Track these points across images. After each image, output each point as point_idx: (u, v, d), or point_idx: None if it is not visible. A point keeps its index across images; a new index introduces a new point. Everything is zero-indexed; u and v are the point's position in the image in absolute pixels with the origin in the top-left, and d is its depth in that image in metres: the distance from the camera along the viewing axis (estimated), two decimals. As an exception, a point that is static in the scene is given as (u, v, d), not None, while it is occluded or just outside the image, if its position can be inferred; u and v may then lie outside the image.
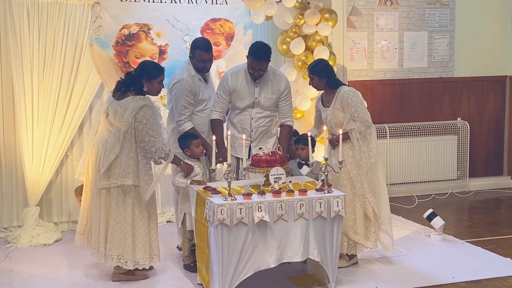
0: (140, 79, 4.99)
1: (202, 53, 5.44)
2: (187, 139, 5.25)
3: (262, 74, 5.44)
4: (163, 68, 5.15)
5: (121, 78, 5.19)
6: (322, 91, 5.49)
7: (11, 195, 6.49)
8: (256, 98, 5.51)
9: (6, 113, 6.36)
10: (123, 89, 5.02)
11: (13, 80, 6.20)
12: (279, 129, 5.71)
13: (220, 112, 5.53)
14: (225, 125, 5.60)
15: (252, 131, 5.57)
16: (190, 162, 5.19)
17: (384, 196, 5.44)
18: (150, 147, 4.88)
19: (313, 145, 5.37)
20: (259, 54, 5.35)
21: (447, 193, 8.13)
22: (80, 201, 6.27)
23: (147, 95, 5.04)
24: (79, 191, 6.41)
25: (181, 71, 5.52)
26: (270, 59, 5.43)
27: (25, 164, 6.30)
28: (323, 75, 5.36)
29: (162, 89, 5.14)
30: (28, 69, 6.17)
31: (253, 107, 5.55)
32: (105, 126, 5.07)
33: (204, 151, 5.30)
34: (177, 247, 5.84)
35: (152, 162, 4.98)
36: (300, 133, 5.88)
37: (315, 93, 5.62)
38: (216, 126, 5.48)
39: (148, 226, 5.07)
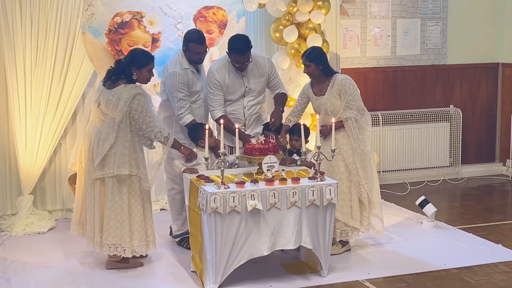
0: (129, 67, 5.01)
1: (196, 45, 5.46)
2: (198, 131, 5.25)
3: (246, 65, 5.47)
4: (153, 56, 5.18)
5: (111, 66, 5.19)
6: (311, 79, 5.51)
7: (4, 184, 6.49)
8: (247, 87, 5.54)
9: (-1, 102, 6.36)
10: (113, 77, 5.03)
11: (6, 69, 6.19)
12: (268, 116, 5.74)
13: (220, 107, 5.55)
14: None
15: (246, 119, 5.62)
16: (201, 153, 5.19)
17: (376, 181, 5.53)
18: (149, 133, 4.94)
19: (307, 135, 5.39)
20: (242, 48, 5.40)
21: (440, 180, 8.17)
22: (74, 189, 6.30)
23: (137, 83, 5.05)
24: (72, 179, 6.42)
25: (173, 64, 5.52)
26: (251, 47, 5.46)
27: (18, 153, 6.30)
28: (319, 62, 5.40)
29: (152, 77, 5.16)
30: (20, 57, 6.15)
31: (244, 96, 5.58)
32: (97, 116, 5.08)
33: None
34: (170, 233, 5.87)
35: (149, 148, 5.04)
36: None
37: (308, 80, 5.64)
38: (226, 120, 5.43)
39: (143, 213, 5.10)
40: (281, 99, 5.75)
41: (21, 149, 6.29)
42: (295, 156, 5.37)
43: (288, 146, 5.50)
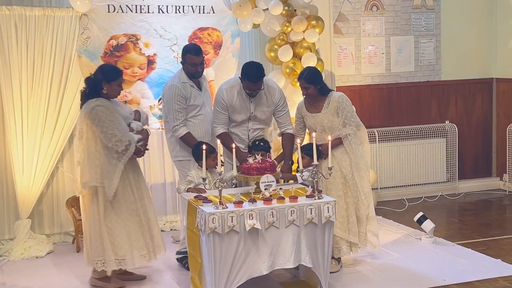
0: (100, 82, 5.07)
1: (192, 56, 5.53)
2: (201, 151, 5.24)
3: (258, 92, 5.51)
4: (122, 70, 5.32)
5: (83, 87, 5.24)
6: (305, 98, 5.56)
7: (2, 208, 6.48)
8: (252, 113, 5.57)
9: (-5, 126, 6.37)
10: (86, 97, 5.12)
11: (2, 93, 6.21)
12: (275, 136, 5.76)
13: (222, 125, 5.59)
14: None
15: (250, 141, 5.67)
16: (198, 172, 5.20)
17: (370, 196, 5.57)
18: (108, 143, 4.97)
19: (319, 155, 5.39)
20: (255, 76, 5.41)
21: (437, 195, 8.18)
22: (72, 212, 6.31)
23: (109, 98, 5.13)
24: (70, 202, 6.44)
25: (173, 78, 5.64)
26: (264, 76, 5.50)
27: (15, 177, 6.29)
28: (318, 83, 5.46)
29: (122, 91, 5.27)
30: (16, 81, 6.18)
31: (250, 120, 5.62)
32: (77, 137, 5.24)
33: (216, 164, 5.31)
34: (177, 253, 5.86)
35: (121, 158, 5.03)
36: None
37: (301, 98, 5.70)
38: (225, 137, 5.49)
39: (125, 225, 5.09)
40: (289, 144, 5.65)
41: (18, 173, 6.28)
42: (306, 175, 5.36)
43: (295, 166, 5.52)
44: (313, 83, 5.44)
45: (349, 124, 5.42)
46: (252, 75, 5.40)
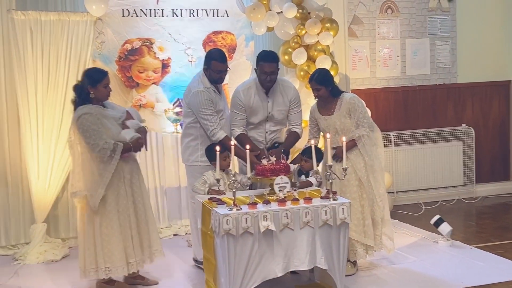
0: (86, 87, 5.03)
1: (218, 64, 5.49)
2: (214, 151, 5.23)
3: (274, 78, 5.50)
4: (106, 72, 5.20)
5: (74, 96, 5.18)
6: (317, 100, 5.53)
7: (18, 212, 6.50)
8: (270, 113, 5.56)
9: (11, 130, 6.39)
10: (75, 105, 5.09)
11: (18, 98, 6.24)
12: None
13: (240, 127, 5.59)
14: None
15: (267, 144, 5.66)
16: (214, 174, 5.16)
17: (386, 198, 5.52)
18: (94, 151, 4.92)
19: (319, 158, 5.36)
20: (268, 56, 5.52)
21: (454, 199, 8.11)
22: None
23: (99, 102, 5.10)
24: (85, 206, 6.44)
25: (196, 84, 5.54)
26: (279, 62, 5.54)
27: (31, 181, 6.31)
28: (329, 84, 5.44)
29: (111, 91, 5.18)
30: (32, 86, 6.20)
31: (267, 121, 5.61)
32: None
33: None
34: (194, 260, 5.83)
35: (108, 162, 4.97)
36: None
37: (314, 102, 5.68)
38: (243, 138, 5.50)
39: (118, 233, 5.05)
40: (290, 140, 5.67)
41: (33, 178, 6.30)
42: (302, 178, 5.32)
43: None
44: (324, 85, 5.41)
45: (362, 125, 5.39)
46: (265, 56, 5.53)
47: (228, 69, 5.59)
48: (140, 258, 5.15)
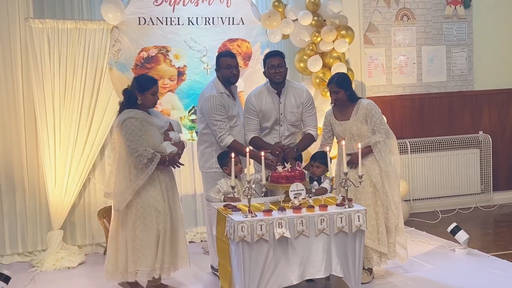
0: (134, 93, 5.07)
1: (226, 58, 5.57)
2: (226, 157, 5.24)
3: (283, 72, 5.56)
4: (156, 80, 5.22)
5: (120, 101, 5.24)
6: (335, 105, 5.53)
7: (35, 219, 6.54)
8: (281, 114, 5.57)
9: (29, 138, 6.44)
10: (122, 108, 5.12)
11: (35, 105, 6.29)
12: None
13: (254, 130, 5.61)
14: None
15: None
16: (227, 180, 5.18)
17: (400, 206, 5.50)
18: (133, 155, 4.93)
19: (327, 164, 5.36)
20: (274, 51, 5.72)
21: (471, 207, 8.05)
22: (103, 224, 6.34)
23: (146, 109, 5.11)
24: (101, 213, 6.47)
25: (210, 89, 5.59)
26: (285, 58, 5.65)
27: (48, 188, 6.36)
28: (348, 88, 5.45)
29: (158, 100, 5.21)
30: (49, 93, 6.25)
31: (281, 125, 5.62)
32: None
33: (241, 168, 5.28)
34: (211, 267, 5.82)
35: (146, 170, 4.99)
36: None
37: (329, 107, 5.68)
38: (257, 141, 5.54)
39: (149, 238, 5.04)
40: (304, 142, 5.67)
41: (50, 185, 6.35)
42: (315, 184, 5.30)
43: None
44: (343, 88, 5.41)
45: (378, 131, 5.38)
46: (271, 52, 5.77)
47: (238, 65, 5.63)
48: (168, 265, 5.13)
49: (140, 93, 5.06)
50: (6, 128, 6.38)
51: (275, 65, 5.52)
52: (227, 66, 5.53)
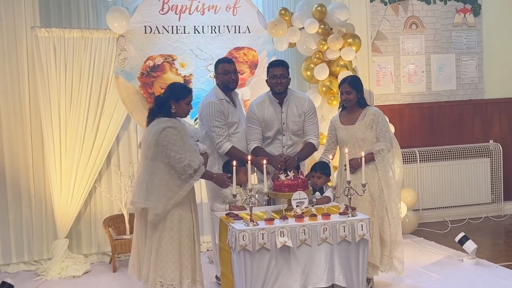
0: (168, 101, 4.97)
1: (224, 64, 5.58)
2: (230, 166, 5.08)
3: (285, 82, 5.53)
4: (191, 89, 5.14)
5: (151, 105, 5.16)
6: (344, 107, 5.50)
7: (40, 228, 6.54)
8: (283, 123, 5.53)
9: (35, 146, 6.45)
10: (153, 115, 5.00)
11: (41, 113, 6.31)
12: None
13: (256, 140, 5.57)
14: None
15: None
16: (231, 190, 5.07)
17: (398, 219, 5.40)
18: (177, 165, 4.78)
19: (328, 174, 5.30)
20: (276, 61, 5.67)
21: (482, 217, 7.95)
22: (109, 232, 6.32)
23: (177, 117, 5.00)
24: (107, 222, 6.47)
25: (209, 96, 5.62)
26: (289, 68, 5.60)
27: (53, 197, 6.36)
28: (360, 91, 5.43)
29: (191, 110, 5.12)
30: (55, 102, 6.27)
31: (283, 135, 5.58)
32: (141, 156, 5.11)
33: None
34: (216, 276, 5.78)
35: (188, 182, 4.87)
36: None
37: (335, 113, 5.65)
38: (259, 151, 5.48)
39: (178, 251, 4.91)
40: (305, 151, 5.60)
41: (56, 193, 6.35)
42: (317, 194, 5.23)
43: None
44: (356, 89, 5.38)
45: (383, 139, 5.32)
46: (274, 61, 5.70)
47: (236, 70, 5.62)
48: (192, 280, 4.98)
49: (175, 101, 4.96)
50: (12, 136, 6.40)
51: (277, 75, 5.49)
52: (225, 71, 5.54)
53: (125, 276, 6.09)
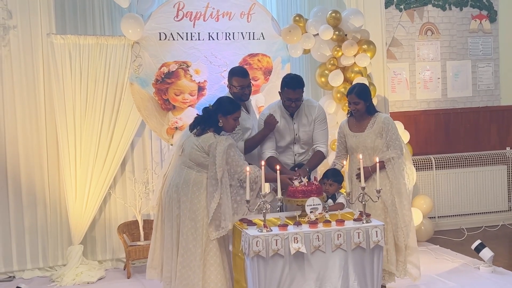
0: (216, 115, 5.01)
1: (239, 79, 5.51)
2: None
3: (299, 104, 5.43)
4: (239, 105, 5.18)
5: (197, 114, 5.23)
6: (352, 115, 5.47)
7: (55, 234, 6.56)
8: (296, 134, 5.50)
9: (50, 153, 6.48)
10: (202, 125, 5.04)
11: (56, 120, 6.33)
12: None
13: (270, 149, 5.49)
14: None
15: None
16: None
17: (412, 226, 5.37)
18: (240, 175, 4.88)
19: (340, 181, 5.28)
20: (293, 83, 5.38)
21: (498, 225, 7.87)
22: (123, 238, 6.33)
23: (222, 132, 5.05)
24: (121, 228, 6.47)
25: None
26: (304, 86, 5.45)
27: (68, 203, 6.38)
28: (368, 99, 5.39)
29: (238, 125, 5.15)
30: (70, 109, 6.29)
31: (295, 143, 5.54)
32: (179, 162, 5.09)
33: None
34: None
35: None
36: None
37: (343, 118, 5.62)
38: (273, 161, 5.35)
39: (220, 264, 4.96)
40: (314, 160, 5.51)
41: (71, 199, 6.37)
42: (330, 202, 5.19)
43: None
44: (363, 99, 5.35)
45: (393, 146, 5.29)
46: (291, 82, 5.38)
47: (251, 84, 5.58)
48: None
49: (223, 116, 5.01)
50: (28, 143, 6.44)
51: (293, 99, 5.38)
52: (240, 87, 5.50)
53: (139, 282, 6.10)
